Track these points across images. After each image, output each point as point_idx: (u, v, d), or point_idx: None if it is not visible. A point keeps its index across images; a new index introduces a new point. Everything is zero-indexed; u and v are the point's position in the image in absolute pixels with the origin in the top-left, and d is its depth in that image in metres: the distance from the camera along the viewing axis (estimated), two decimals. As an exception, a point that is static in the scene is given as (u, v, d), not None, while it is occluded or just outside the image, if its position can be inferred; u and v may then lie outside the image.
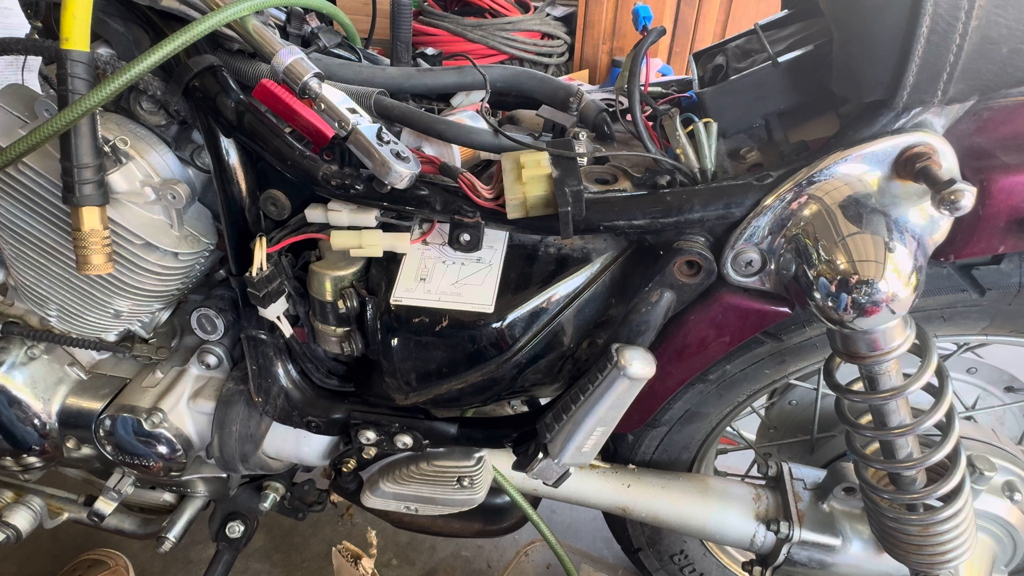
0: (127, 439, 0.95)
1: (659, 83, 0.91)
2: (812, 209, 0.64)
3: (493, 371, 0.75)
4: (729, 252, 0.67)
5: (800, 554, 0.93)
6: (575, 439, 0.74)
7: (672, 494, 0.96)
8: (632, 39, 3.15)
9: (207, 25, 0.66)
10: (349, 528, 1.50)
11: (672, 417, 0.93)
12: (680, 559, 1.15)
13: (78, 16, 0.64)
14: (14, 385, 0.96)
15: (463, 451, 0.89)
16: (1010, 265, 0.73)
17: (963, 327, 0.81)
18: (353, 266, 0.76)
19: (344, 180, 0.71)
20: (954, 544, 0.78)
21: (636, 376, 0.67)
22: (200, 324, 0.91)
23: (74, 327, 0.92)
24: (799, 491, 0.96)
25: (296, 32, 0.86)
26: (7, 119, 0.79)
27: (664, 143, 0.73)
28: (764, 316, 0.71)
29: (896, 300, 0.61)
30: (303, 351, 0.86)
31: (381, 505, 0.95)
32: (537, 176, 0.66)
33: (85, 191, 0.70)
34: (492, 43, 3.06)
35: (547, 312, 0.73)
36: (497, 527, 1.04)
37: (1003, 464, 0.89)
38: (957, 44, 0.54)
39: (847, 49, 0.60)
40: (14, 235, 0.83)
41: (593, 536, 1.48)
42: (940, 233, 0.65)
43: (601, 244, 0.75)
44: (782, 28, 0.78)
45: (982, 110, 0.66)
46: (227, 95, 0.72)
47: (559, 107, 0.81)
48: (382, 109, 0.78)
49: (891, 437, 0.75)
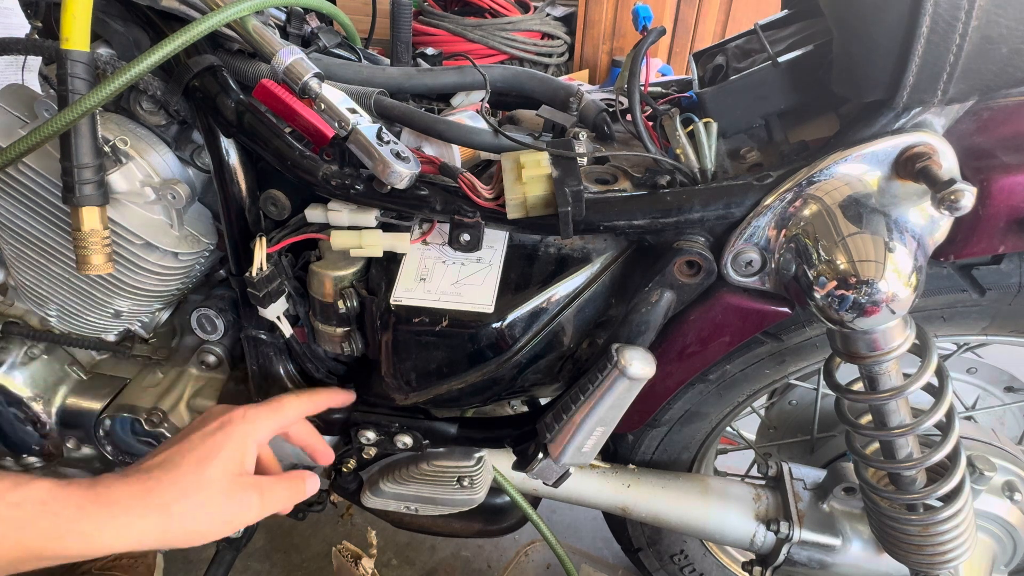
0: (127, 439, 0.95)
1: (659, 83, 0.91)
2: (812, 209, 0.64)
3: (493, 371, 0.75)
4: (729, 252, 0.67)
5: (800, 554, 0.93)
6: (575, 439, 0.74)
7: (672, 494, 0.95)
8: (632, 39, 3.15)
9: (207, 25, 0.66)
10: (349, 528, 1.50)
11: (672, 417, 0.93)
12: (680, 559, 1.15)
13: (78, 16, 0.64)
14: (14, 385, 0.96)
15: (463, 451, 0.89)
16: (1010, 265, 0.73)
17: (963, 327, 0.81)
18: (353, 266, 0.76)
19: (344, 180, 0.71)
20: (954, 544, 0.78)
21: (636, 376, 0.67)
22: (200, 324, 0.91)
23: (74, 327, 0.92)
24: (799, 491, 0.96)
25: (296, 32, 0.86)
26: (7, 119, 0.79)
27: (664, 143, 0.73)
28: (764, 316, 0.71)
29: (896, 300, 0.61)
30: (303, 351, 0.86)
31: (381, 505, 0.95)
32: (537, 176, 0.66)
33: (85, 191, 0.70)
34: (492, 43, 3.06)
35: (547, 312, 0.73)
36: (497, 527, 1.04)
37: (1003, 464, 0.89)
38: (957, 44, 0.54)
39: (847, 49, 0.60)
40: (14, 235, 0.83)
41: (593, 536, 1.48)
42: (940, 233, 0.65)
43: (601, 244, 0.75)
44: (782, 28, 0.78)
45: (982, 110, 0.66)
46: (227, 95, 0.72)
47: (559, 107, 0.81)
48: (382, 109, 0.78)
49: (891, 437, 0.75)
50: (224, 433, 0.67)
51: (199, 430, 0.67)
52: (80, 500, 0.57)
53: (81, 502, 0.57)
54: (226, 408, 0.71)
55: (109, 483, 0.60)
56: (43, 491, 0.56)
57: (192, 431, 0.68)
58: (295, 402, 0.76)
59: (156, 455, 0.65)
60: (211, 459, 0.64)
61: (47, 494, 0.56)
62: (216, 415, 0.70)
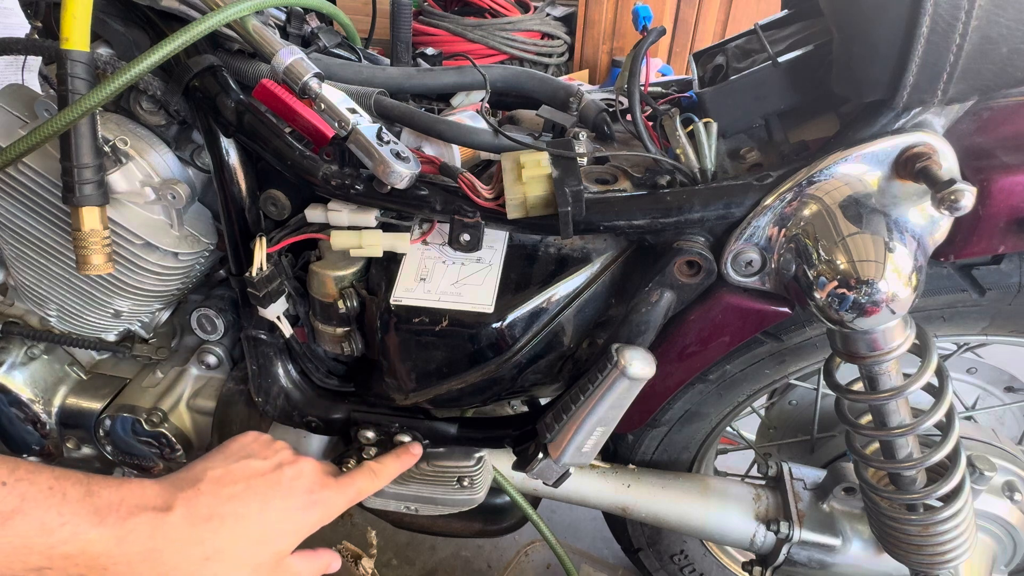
0: (127, 439, 0.96)
1: (659, 83, 0.91)
2: (812, 209, 0.64)
3: (493, 371, 0.75)
4: (729, 252, 0.67)
5: (800, 554, 0.93)
6: (575, 439, 0.74)
7: (672, 494, 0.95)
8: (632, 39, 3.15)
9: (207, 25, 0.66)
10: (349, 528, 1.49)
11: (672, 417, 0.93)
12: (680, 559, 1.15)
13: (78, 16, 0.64)
14: (14, 385, 0.96)
15: (463, 451, 0.89)
16: (1010, 265, 0.73)
17: (963, 327, 0.81)
18: (353, 266, 0.76)
19: (344, 180, 0.71)
20: (954, 544, 0.78)
21: (636, 376, 0.67)
22: (200, 324, 0.91)
23: (74, 327, 0.92)
24: (799, 491, 0.96)
25: (296, 32, 0.86)
26: (7, 119, 0.79)
27: (664, 143, 0.73)
28: (764, 316, 0.71)
29: (896, 300, 0.61)
30: (303, 351, 0.86)
31: (381, 505, 0.94)
32: (537, 176, 0.66)
33: (85, 191, 0.70)
34: (492, 43, 3.06)
35: (547, 312, 0.73)
36: (497, 527, 1.04)
37: (1003, 464, 0.89)
38: (957, 44, 0.54)
39: (847, 49, 0.60)
40: (14, 235, 0.83)
41: (593, 536, 1.48)
42: (940, 233, 0.65)
43: (601, 244, 0.75)
44: (782, 28, 0.78)
45: (982, 110, 0.66)
46: (227, 95, 0.72)
47: (559, 107, 0.81)
48: (382, 109, 0.78)
49: (891, 437, 0.75)
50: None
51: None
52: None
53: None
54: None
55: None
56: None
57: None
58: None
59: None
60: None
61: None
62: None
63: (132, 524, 0.56)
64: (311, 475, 0.69)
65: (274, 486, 0.66)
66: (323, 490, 0.69)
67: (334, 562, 0.74)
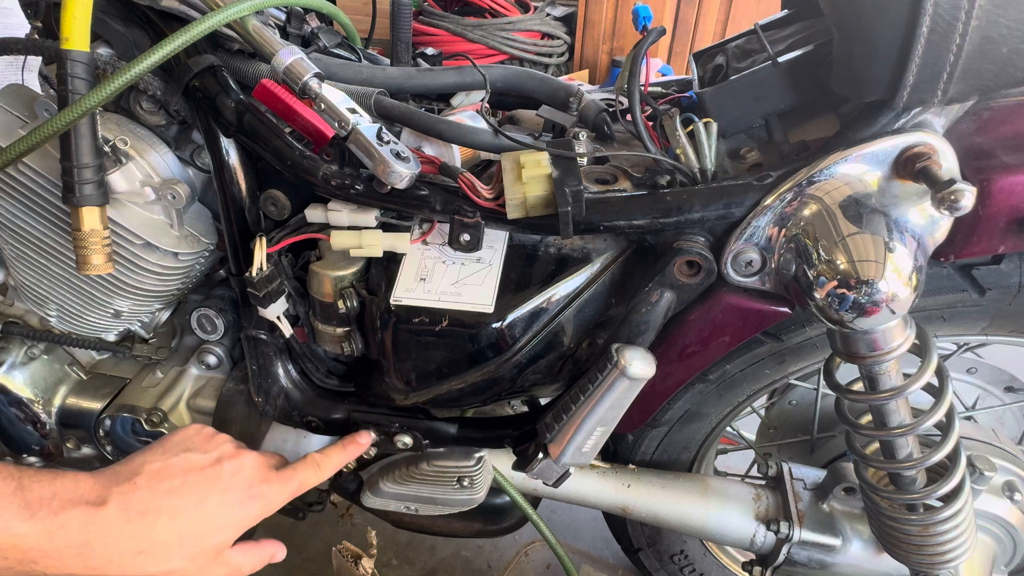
0: (127, 439, 0.96)
1: (659, 83, 0.91)
2: (812, 209, 0.64)
3: (493, 371, 0.75)
4: (729, 252, 0.67)
5: (800, 554, 0.93)
6: (575, 439, 0.74)
7: (672, 494, 0.95)
8: (632, 39, 3.15)
9: (207, 25, 0.66)
10: (349, 528, 1.49)
11: (672, 417, 0.93)
12: (680, 559, 1.15)
13: (78, 16, 0.64)
14: (14, 385, 0.96)
15: (463, 451, 0.89)
16: (1010, 265, 0.73)
17: (963, 327, 0.81)
18: (353, 266, 0.76)
19: (344, 180, 0.71)
20: (954, 544, 0.78)
21: (636, 376, 0.67)
22: (200, 324, 0.91)
23: (74, 327, 0.92)
24: (799, 491, 0.96)
25: (296, 32, 0.86)
26: (7, 119, 0.79)
27: (664, 143, 0.73)
28: (764, 316, 0.71)
29: (896, 300, 0.61)
30: (303, 351, 0.86)
31: (381, 505, 0.94)
32: (537, 176, 0.66)
33: (85, 191, 0.70)
34: (492, 43, 3.06)
35: (547, 312, 0.73)
36: (497, 527, 1.04)
37: (1003, 464, 0.89)
38: (957, 44, 0.54)
39: (847, 49, 0.60)
40: (14, 235, 0.83)
41: (593, 536, 1.48)
42: (940, 233, 0.65)
43: (601, 244, 0.75)
44: (782, 28, 0.78)
45: (982, 110, 0.66)
46: (227, 95, 0.72)
47: (559, 107, 0.81)
48: (382, 109, 0.78)
49: (891, 437, 0.75)
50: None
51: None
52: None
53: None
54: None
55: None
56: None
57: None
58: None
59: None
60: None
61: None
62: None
63: (64, 518, 0.56)
64: (252, 469, 0.69)
65: (212, 480, 0.66)
66: (263, 484, 0.69)
67: (279, 552, 0.74)
